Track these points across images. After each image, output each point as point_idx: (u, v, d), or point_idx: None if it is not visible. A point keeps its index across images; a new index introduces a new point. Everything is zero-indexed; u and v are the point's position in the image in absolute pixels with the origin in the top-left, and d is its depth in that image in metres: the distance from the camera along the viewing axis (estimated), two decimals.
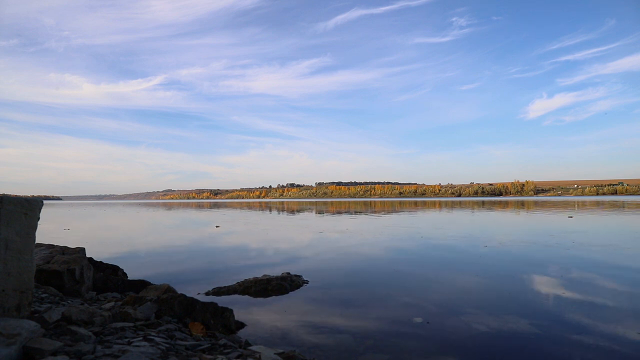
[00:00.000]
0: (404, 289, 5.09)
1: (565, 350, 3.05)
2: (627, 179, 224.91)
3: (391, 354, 3.00)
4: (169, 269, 6.69)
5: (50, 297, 3.43)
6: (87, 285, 4.17)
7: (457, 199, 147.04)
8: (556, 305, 4.26)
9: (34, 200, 2.55)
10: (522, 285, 5.20)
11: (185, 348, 2.49)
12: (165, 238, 11.86)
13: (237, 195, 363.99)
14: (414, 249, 8.73)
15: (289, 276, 5.44)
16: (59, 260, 4.11)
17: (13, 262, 2.31)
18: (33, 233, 2.50)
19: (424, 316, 3.90)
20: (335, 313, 4.09)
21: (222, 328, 3.36)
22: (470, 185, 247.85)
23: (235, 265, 7.06)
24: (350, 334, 3.44)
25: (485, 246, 8.83)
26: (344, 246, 9.36)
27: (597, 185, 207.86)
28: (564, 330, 3.47)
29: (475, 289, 5.08)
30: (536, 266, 6.50)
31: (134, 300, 3.33)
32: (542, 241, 9.60)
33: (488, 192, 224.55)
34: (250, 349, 2.62)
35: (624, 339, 3.24)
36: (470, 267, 6.48)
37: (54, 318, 2.52)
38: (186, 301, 3.35)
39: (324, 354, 3.03)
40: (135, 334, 2.53)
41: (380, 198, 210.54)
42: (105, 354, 2.03)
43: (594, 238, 10.22)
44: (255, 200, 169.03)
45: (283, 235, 12.21)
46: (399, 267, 6.58)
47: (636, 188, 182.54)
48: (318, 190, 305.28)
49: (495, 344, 3.20)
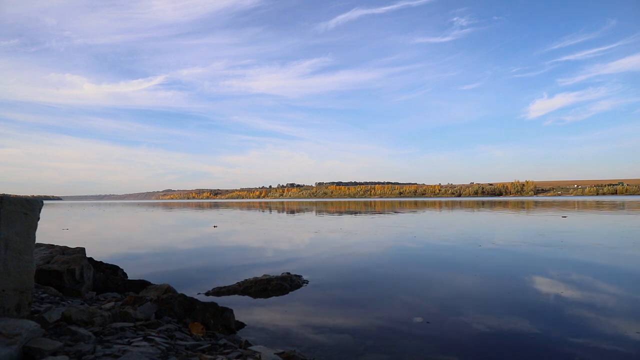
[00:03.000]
0: (403, 289, 5.09)
1: (565, 350, 3.05)
2: (627, 179, 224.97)
3: (391, 354, 3.00)
4: (169, 269, 6.69)
5: (50, 297, 3.43)
6: (87, 285, 4.17)
7: (457, 199, 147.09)
8: (551, 304, 4.26)
9: (34, 200, 2.55)
10: (518, 285, 5.21)
11: (185, 348, 2.49)
12: (165, 238, 11.86)
13: (237, 195, 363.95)
14: (409, 249, 8.75)
15: (289, 276, 5.44)
16: (59, 260, 4.11)
17: (13, 262, 2.31)
18: (33, 233, 2.50)
19: (424, 316, 3.90)
20: (335, 313, 4.09)
21: (222, 328, 3.36)
22: (470, 185, 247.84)
23: (235, 265, 7.06)
24: (350, 334, 3.44)
25: (480, 246, 8.90)
26: (343, 246, 9.36)
27: (597, 185, 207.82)
28: (563, 330, 3.47)
29: (473, 289, 5.08)
30: (526, 266, 6.53)
31: (134, 300, 3.33)
32: (532, 241, 9.74)
33: (488, 192, 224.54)
34: (250, 349, 2.62)
35: (623, 338, 3.24)
36: (467, 267, 6.48)
37: (54, 318, 2.51)
38: (186, 301, 3.35)
39: (324, 354, 3.03)
40: (135, 334, 2.53)
41: (380, 198, 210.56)
42: (105, 354, 2.03)
43: (583, 238, 10.34)
44: (255, 200, 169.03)
45: (281, 235, 12.20)
46: (396, 267, 6.59)
47: (636, 188, 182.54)
48: (318, 190, 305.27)
49: (495, 344, 3.20)
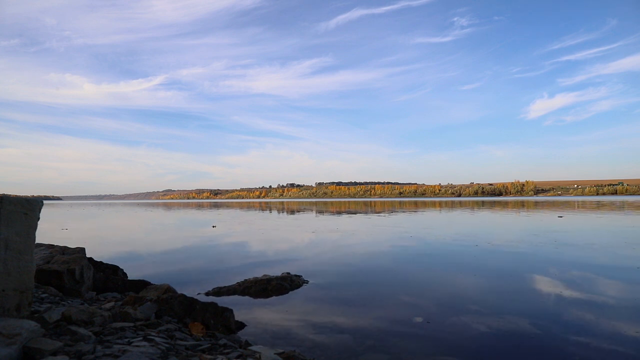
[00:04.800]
0: (403, 289, 5.08)
1: (565, 349, 3.05)
2: (627, 179, 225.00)
3: (391, 354, 3.00)
4: (169, 269, 6.69)
5: (50, 297, 3.43)
6: (87, 285, 4.17)
7: (456, 199, 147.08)
8: (550, 304, 4.26)
9: (34, 200, 2.55)
10: (516, 285, 5.21)
11: (185, 348, 2.49)
12: (165, 238, 11.86)
13: (237, 195, 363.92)
14: (408, 249, 8.75)
15: (289, 276, 5.44)
16: (59, 260, 4.11)
17: (13, 262, 2.31)
18: (33, 233, 2.50)
19: (424, 316, 3.90)
20: (335, 313, 4.09)
21: (222, 328, 3.36)
22: (470, 185, 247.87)
23: (235, 265, 7.06)
24: (350, 334, 3.44)
25: (476, 245, 8.94)
26: (343, 246, 9.36)
27: (597, 185, 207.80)
28: (562, 330, 3.46)
29: (473, 289, 5.08)
30: (522, 265, 6.56)
31: (134, 300, 3.33)
32: (527, 240, 9.86)
33: (488, 192, 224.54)
34: (251, 349, 2.62)
35: (622, 338, 3.24)
36: (466, 267, 6.49)
37: (54, 318, 2.51)
38: (186, 301, 3.35)
39: (324, 353, 3.03)
40: (135, 334, 2.53)
41: (380, 198, 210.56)
42: (105, 354, 2.03)
43: (576, 237, 10.42)
44: (255, 200, 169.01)
45: (281, 235, 12.20)
46: (396, 267, 6.59)
47: (636, 188, 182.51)
48: (318, 190, 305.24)
49: (496, 344, 3.20)
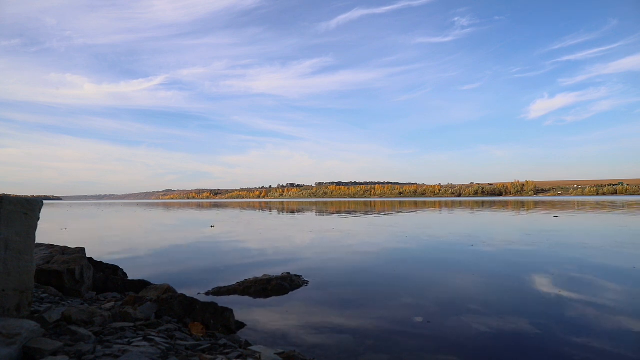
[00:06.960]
0: (403, 289, 5.08)
1: (565, 349, 3.05)
2: (627, 179, 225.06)
3: (391, 354, 3.00)
4: (169, 269, 6.69)
5: (50, 297, 3.43)
6: (87, 285, 4.17)
7: (456, 199, 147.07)
8: (549, 303, 4.26)
9: (34, 200, 2.55)
10: (515, 284, 5.21)
11: (185, 348, 2.49)
12: (165, 238, 11.85)
13: (237, 195, 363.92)
14: (407, 249, 8.76)
15: (289, 276, 5.44)
16: (59, 260, 4.11)
17: (13, 262, 2.31)
18: (33, 233, 2.50)
19: (424, 316, 3.90)
20: (335, 313, 4.09)
21: (222, 328, 3.36)
22: (470, 185, 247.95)
23: (235, 265, 7.06)
24: (350, 334, 3.44)
25: (472, 245, 8.97)
26: (343, 246, 9.35)
27: (597, 185, 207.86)
28: (562, 329, 3.46)
29: (472, 289, 5.08)
30: (520, 265, 6.58)
31: (134, 300, 3.33)
32: (521, 240, 9.97)
33: (488, 192, 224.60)
34: (250, 349, 2.62)
35: (621, 338, 3.24)
36: (465, 267, 6.49)
37: (54, 318, 2.51)
38: (186, 301, 3.35)
39: (324, 354, 3.03)
40: (135, 334, 2.53)
41: (380, 198, 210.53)
42: (105, 354, 2.03)
43: (568, 237, 10.49)
44: (255, 200, 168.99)
45: (281, 235, 12.19)
46: (396, 267, 6.58)
47: (636, 188, 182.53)
48: (318, 191, 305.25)
49: (495, 344, 3.20)
